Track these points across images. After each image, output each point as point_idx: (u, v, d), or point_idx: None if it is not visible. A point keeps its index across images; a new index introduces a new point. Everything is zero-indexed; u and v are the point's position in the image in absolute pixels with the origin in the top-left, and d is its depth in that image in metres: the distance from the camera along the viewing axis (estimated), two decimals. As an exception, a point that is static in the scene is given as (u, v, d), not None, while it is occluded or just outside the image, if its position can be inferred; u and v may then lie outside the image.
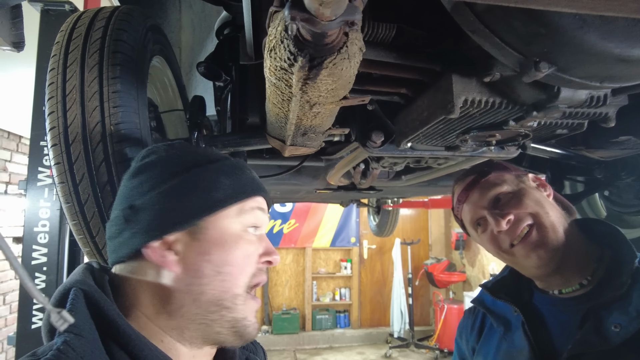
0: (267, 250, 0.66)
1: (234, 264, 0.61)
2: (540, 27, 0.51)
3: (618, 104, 0.75)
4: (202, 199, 0.62)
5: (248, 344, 0.79)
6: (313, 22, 0.45)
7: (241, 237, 0.63)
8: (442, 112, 0.74)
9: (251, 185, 0.67)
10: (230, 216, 0.63)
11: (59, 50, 0.90)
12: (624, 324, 0.78)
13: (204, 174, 0.64)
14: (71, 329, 0.51)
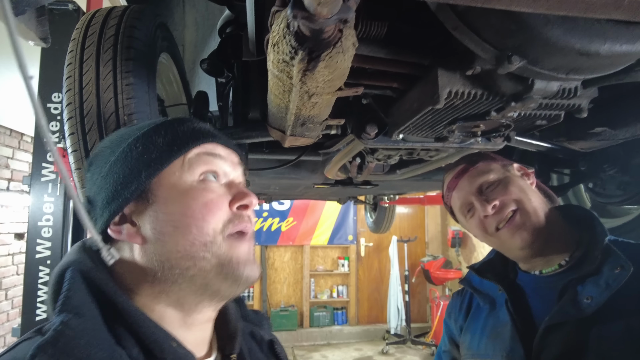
0: (238, 194, 0.64)
1: (191, 214, 0.59)
2: (512, 24, 0.58)
3: (589, 96, 0.83)
4: (140, 165, 0.61)
5: (252, 316, 0.80)
6: (312, 20, 0.52)
7: (193, 187, 0.61)
8: (429, 103, 0.81)
9: (191, 135, 0.64)
10: (175, 171, 0.62)
11: (76, 46, 0.97)
12: (595, 295, 0.86)
13: (136, 142, 0.63)
14: (69, 309, 0.50)
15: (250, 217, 0.65)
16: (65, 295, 0.51)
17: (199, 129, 0.66)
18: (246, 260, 0.62)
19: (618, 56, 0.60)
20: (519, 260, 1.05)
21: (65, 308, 0.50)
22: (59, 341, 0.46)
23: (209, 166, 0.64)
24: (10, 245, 4.14)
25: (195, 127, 0.66)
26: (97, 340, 0.49)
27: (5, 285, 4.10)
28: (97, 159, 0.65)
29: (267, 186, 2.70)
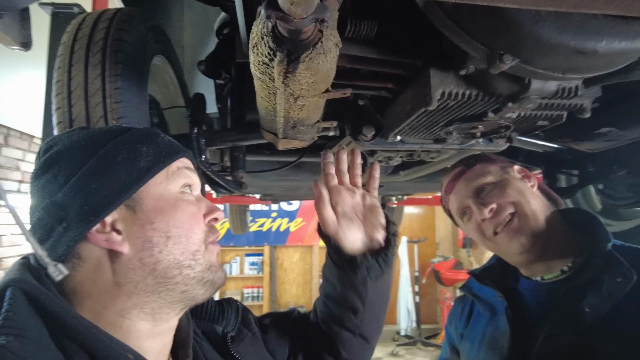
0: (209, 208, 0.66)
1: (180, 225, 0.60)
2: (501, 22, 0.55)
3: (592, 95, 0.79)
4: (129, 172, 0.59)
5: (211, 310, 0.78)
6: (287, 20, 0.49)
7: (179, 198, 0.63)
8: (422, 104, 0.78)
9: (171, 147, 0.66)
10: (161, 181, 0.62)
11: (65, 50, 0.96)
12: (595, 305, 0.82)
13: (119, 147, 0.61)
14: (9, 331, 0.46)
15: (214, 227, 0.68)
16: (5, 316, 0.47)
17: (175, 142, 0.68)
18: (218, 267, 0.65)
19: (617, 54, 0.57)
20: (519, 266, 1.01)
21: (6, 330, 0.46)
22: None
23: (187, 180, 0.66)
24: (21, 246, 4.20)
25: (172, 141, 0.68)
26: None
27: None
28: (62, 159, 0.60)
29: (270, 188, 2.68)
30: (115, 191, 0.58)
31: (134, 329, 0.58)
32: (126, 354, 0.54)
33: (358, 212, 0.83)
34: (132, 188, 0.59)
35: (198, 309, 0.76)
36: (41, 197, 0.59)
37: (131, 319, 0.58)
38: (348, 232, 0.80)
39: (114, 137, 0.62)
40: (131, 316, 0.58)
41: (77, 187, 0.57)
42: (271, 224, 7.30)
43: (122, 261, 0.57)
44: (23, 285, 0.52)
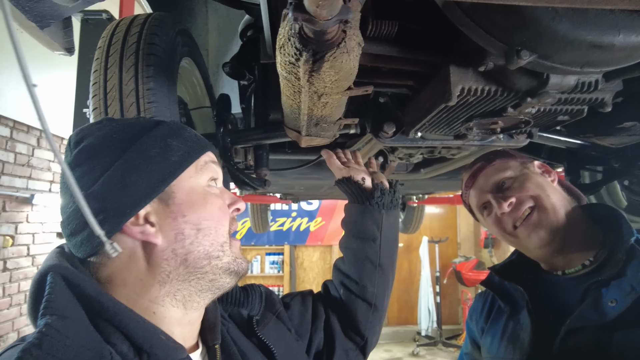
0: (232, 199, 0.69)
1: (210, 217, 0.63)
2: (518, 18, 0.57)
3: (613, 89, 0.79)
4: (162, 166, 0.61)
5: (236, 294, 0.81)
6: (313, 22, 0.53)
7: (207, 192, 0.65)
8: (442, 100, 0.80)
9: (198, 142, 0.68)
10: (191, 175, 0.64)
11: (101, 54, 1.01)
12: (619, 299, 0.82)
13: (151, 141, 0.62)
14: (52, 311, 0.49)
15: None
16: (47, 298, 0.51)
17: (200, 136, 0.70)
18: (242, 257, 0.68)
19: (635, 47, 0.58)
20: (539, 260, 1.02)
21: (48, 311, 0.49)
22: (44, 343, 0.46)
23: (213, 173, 0.68)
24: (52, 244, 4.36)
25: (198, 135, 0.70)
26: (84, 339, 0.49)
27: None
28: (96, 152, 0.61)
29: (292, 186, 2.72)
30: (150, 185, 0.60)
31: (167, 315, 0.61)
32: (159, 335, 0.57)
33: None
34: (165, 182, 0.61)
35: (224, 294, 0.76)
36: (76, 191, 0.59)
37: (164, 306, 0.60)
38: (358, 175, 1.02)
39: (146, 130, 0.64)
40: (164, 303, 0.60)
41: (113, 180, 0.58)
42: (291, 223, 7.37)
43: (156, 252, 0.59)
44: (62, 270, 0.55)
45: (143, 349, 0.54)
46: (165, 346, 0.56)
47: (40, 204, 4.07)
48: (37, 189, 4.09)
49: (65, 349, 0.46)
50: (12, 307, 3.78)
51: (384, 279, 0.99)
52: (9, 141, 3.68)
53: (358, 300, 0.95)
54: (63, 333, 0.47)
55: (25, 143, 3.90)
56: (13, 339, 3.77)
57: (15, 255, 3.82)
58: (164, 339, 0.57)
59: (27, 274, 3.98)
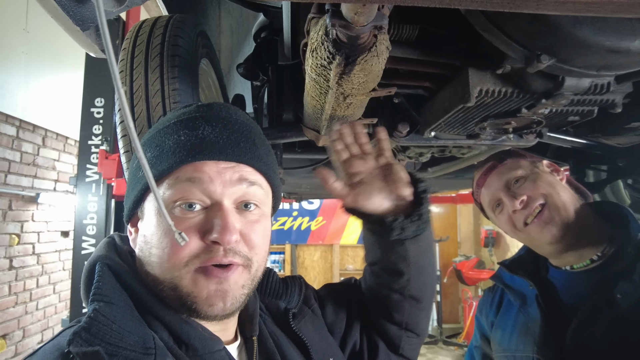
0: (208, 228, 0.57)
1: (158, 245, 0.58)
2: (541, 25, 0.60)
3: (623, 91, 0.83)
4: (134, 181, 0.64)
5: (275, 286, 0.80)
6: (349, 28, 0.56)
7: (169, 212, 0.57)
8: (461, 101, 0.83)
9: (175, 153, 0.59)
10: (161, 193, 0.59)
11: (126, 55, 1.05)
12: (628, 292, 0.86)
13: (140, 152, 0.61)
14: (100, 298, 0.52)
15: (230, 249, 0.58)
16: (96, 285, 0.54)
17: (188, 143, 0.60)
18: (212, 298, 0.57)
19: (649, 52, 0.61)
20: (549, 256, 1.05)
21: (97, 297, 0.52)
22: (92, 327, 0.48)
23: (184, 194, 0.58)
24: (57, 242, 4.39)
25: (185, 141, 0.60)
26: (129, 325, 0.51)
27: (53, 280, 4.36)
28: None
29: (299, 185, 2.76)
30: (128, 198, 0.65)
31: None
32: (196, 326, 0.58)
33: (376, 175, 0.81)
34: (137, 198, 0.63)
35: (262, 285, 0.78)
36: None
37: None
38: (370, 198, 0.79)
39: (147, 137, 0.66)
40: None
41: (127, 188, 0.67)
42: (292, 222, 7.40)
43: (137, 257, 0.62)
44: (109, 261, 0.59)
45: (182, 339, 0.56)
46: (202, 337, 0.58)
47: (46, 202, 4.10)
48: (43, 188, 4.11)
49: (112, 333, 0.49)
50: (18, 305, 3.81)
51: (417, 307, 0.84)
52: (15, 140, 3.71)
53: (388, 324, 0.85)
54: (110, 318, 0.50)
55: (31, 142, 3.93)
56: (19, 337, 3.80)
57: (21, 254, 3.84)
58: (200, 331, 0.58)
59: (33, 272, 4.01)
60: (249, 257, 0.61)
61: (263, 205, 0.65)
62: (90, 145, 3.17)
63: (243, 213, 0.62)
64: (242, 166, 0.62)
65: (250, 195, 0.62)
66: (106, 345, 0.48)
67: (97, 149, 3.15)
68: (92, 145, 3.18)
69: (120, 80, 0.35)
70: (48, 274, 4.27)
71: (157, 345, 0.52)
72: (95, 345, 0.47)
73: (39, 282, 4.13)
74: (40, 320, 4.14)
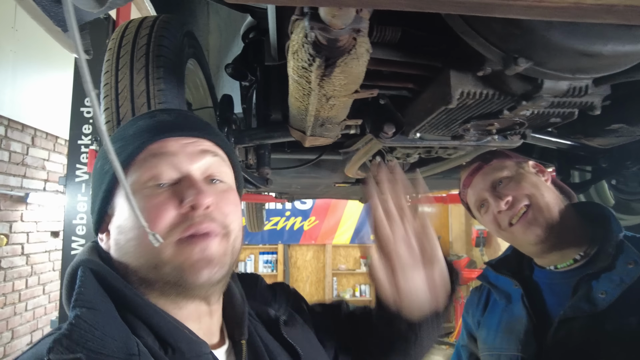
0: (182, 196, 0.59)
1: (135, 224, 0.58)
2: (515, 28, 0.61)
3: (601, 94, 0.84)
4: (101, 178, 0.64)
5: (264, 293, 0.80)
6: (327, 30, 0.57)
7: (138, 196, 0.59)
8: (442, 102, 0.84)
9: (138, 137, 0.62)
10: (130, 178, 0.60)
11: (112, 55, 1.05)
12: (609, 291, 0.88)
13: (101, 152, 0.65)
14: (82, 303, 0.51)
15: (206, 215, 0.59)
16: (78, 291, 0.53)
17: (149, 125, 0.63)
18: (197, 264, 0.58)
19: (622, 56, 0.63)
20: (533, 256, 1.07)
21: (79, 303, 0.51)
22: (74, 333, 0.47)
23: (152, 171, 0.61)
24: (46, 242, 4.35)
25: (144, 126, 0.64)
26: (112, 331, 0.50)
27: (43, 281, 4.32)
28: None
29: (289, 185, 2.76)
30: (99, 201, 0.64)
31: (166, 308, 0.59)
32: (183, 329, 0.58)
33: (411, 243, 0.79)
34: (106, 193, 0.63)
35: (251, 291, 0.77)
36: None
37: (158, 303, 0.59)
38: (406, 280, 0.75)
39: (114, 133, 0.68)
40: (158, 301, 0.59)
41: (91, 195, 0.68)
42: (285, 222, 7.40)
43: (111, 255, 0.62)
44: (91, 265, 0.58)
45: (168, 342, 0.55)
46: (190, 340, 0.57)
47: (35, 202, 4.07)
48: (32, 187, 4.08)
49: (94, 339, 0.48)
50: (7, 306, 3.77)
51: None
52: (4, 140, 3.68)
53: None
54: (92, 324, 0.49)
55: (19, 142, 3.89)
56: (7, 338, 3.76)
57: (10, 255, 3.81)
58: (187, 333, 0.58)
59: (22, 273, 3.97)
60: (225, 224, 0.62)
61: (228, 178, 0.68)
62: (80, 144, 3.15)
63: (211, 186, 0.64)
64: (203, 140, 0.66)
65: (215, 167, 0.66)
66: (88, 352, 0.47)
67: (87, 148, 3.13)
68: (81, 144, 3.16)
69: (90, 81, 0.35)
70: (37, 275, 4.24)
71: (140, 351, 0.51)
72: (77, 353, 0.46)
73: (28, 283, 4.10)
74: (29, 321, 4.11)
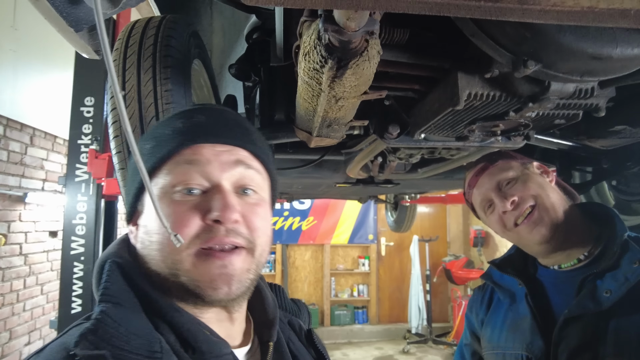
0: (213, 206, 0.58)
1: (159, 230, 0.58)
2: (526, 31, 0.62)
3: (607, 96, 0.85)
4: (134, 174, 0.64)
5: (290, 305, 0.81)
6: (341, 33, 0.57)
7: (165, 200, 0.59)
8: (450, 104, 0.85)
9: (173, 139, 0.61)
10: (160, 181, 0.60)
11: (119, 55, 1.05)
12: (614, 289, 0.88)
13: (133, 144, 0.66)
14: (108, 299, 0.52)
15: (231, 229, 0.58)
16: (104, 286, 0.54)
17: (179, 130, 0.62)
18: (216, 281, 0.57)
19: (630, 59, 0.64)
20: (538, 255, 1.08)
21: (105, 298, 0.52)
22: (99, 329, 0.48)
23: (183, 177, 0.60)
24: (45, 242, 4.33)
25: (176, 128, 0.62)
26: (136, 327, 0.51)
27: (41, 281, 4.30)
28: None
29: (290, 185, 2.76)
30: (130, 196, 0.65)
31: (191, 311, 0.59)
32: (203, 329, 0.58)
33: None
34: (134, 190, 0.63)
35: (278, 300, 0.77)
36: None
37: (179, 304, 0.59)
38: None
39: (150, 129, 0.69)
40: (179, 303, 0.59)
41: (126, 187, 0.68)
42: (283, 222, 7.40)
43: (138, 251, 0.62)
44: (119, 259, 0.59)
45: (188, 341, 0.55)
46: (210, 340, 0.57)
47: (34, 202, 4.05)
48: (31, 187, 4.06)
49: (118, 335, 0.49)
50: (4, 306, 3.75)
51: None
52: (2, 139, 3.66)
53: None
54: (117, 320, 0.50)
55: (18, 141, 3.87)
56: (5, 338, 3.74)
57: (8, 254, 3.79)
58: (208, 334, 0.58)
59: (20, 273, 3.95)
60: (251, 239, 0.60)
61: (261, 190, 0.66)
62: (80, 144, 3.14)
63: (242, 197, 0.63)
64: (238, 149, 0.64)
65: (248, 179, 0.64)
66: (112, 348, 0.47)
67: (87, 148, 3.12)
68: (81, 144, 3.14)
69: (117, 83, 0.35)
70: (36, 275, 4.22)
71: (163, 348, 0.52)
72: (102, 349, 0.47)
73: (27, 283, 4.07)
74: (27, 321, 4.09)
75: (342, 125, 1.01)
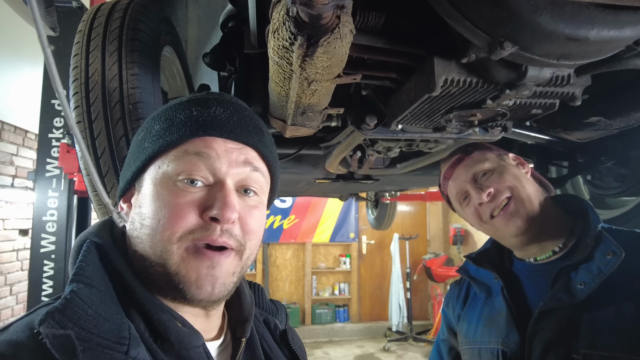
0: (209, 204, 0.57)
1: (152, 216, 0.57)
2: (502, 11, 0.60)
3: (582, 84, 0.85)
4: (138, 151, 0.62)
5: (268, 304, 0.80)
6: (310, 6, 0.54)
7: (167, 187, 0.58)
8: (426, 90, 0.83)
9: (186, 126, 0.60)
10: (164, 165, 0.59)
11: (82, 37, 0.99)
12: (587, 281, 0.88)
13: (146, 124, 0.64)
14: (81, 279, 0.50)
15: (226, 230, 0.58)
16: (79, 266, 0.52)
17: (200, 118, 0.61)
18: (201, 280, 0.56)
19: (606, 42, 0.62)
20: (513, 248, 1.07)
21: (77, 278, 0.50)
22: (67, 309, 0.46)
23: (189, 168, 0.58)
24: (14, 241, 4.18)
25: (197, 116, 0.61)
26: (105, 311, 0.49)
27: (10, 281, 4.15)
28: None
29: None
30: (127, 169, 0.64)
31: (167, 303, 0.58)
32: (174, 320, 0.55)
33: None
34: (136, 168, 0.61)
35: (256, 298, 0.76)
36: None
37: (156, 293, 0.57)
38: None
39: (164, 107, 0.66)
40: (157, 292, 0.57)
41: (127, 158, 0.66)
42: (264, 221, 7.33)
43: (127, 232, 0.61)
44: (98, 239, 0.57)
45: (158, 331, 0.54)
46: (180, 332, 0.55)
47: (2, 199, 3.90)
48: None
49: (86, 317, 0.47)
50: (-29, 306, 3.61)
51: None
52: (-31, 133, 3.51)
53: None
54: (86, 302, 0.48)
55: (-14, 135, 3.73)
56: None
57: (-25, 253, 3.64)
58: (179, 325, 0.56)
59: (-13, 272, 3.81)
60: (243, 242, 0.60)
61: (262, 193, 0.66)
62: (51, 138, 3.03)
63: (242, 197, 0.63)
64: (249, 149, 0.64)
65: (252, 180, 0.64)
66: (79, 330, 0.46)
67: (58, 142, 3.01)
68: (52, 138, 3.04)
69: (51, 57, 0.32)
70: (4, 275, 4.06)
71: (131, 335, 0.50)
72: (67, 329, 0.45)
73: (-5, 283, 3.93)
74: (-5, 323, 3.94)
75: (317, 113, 0.98)
